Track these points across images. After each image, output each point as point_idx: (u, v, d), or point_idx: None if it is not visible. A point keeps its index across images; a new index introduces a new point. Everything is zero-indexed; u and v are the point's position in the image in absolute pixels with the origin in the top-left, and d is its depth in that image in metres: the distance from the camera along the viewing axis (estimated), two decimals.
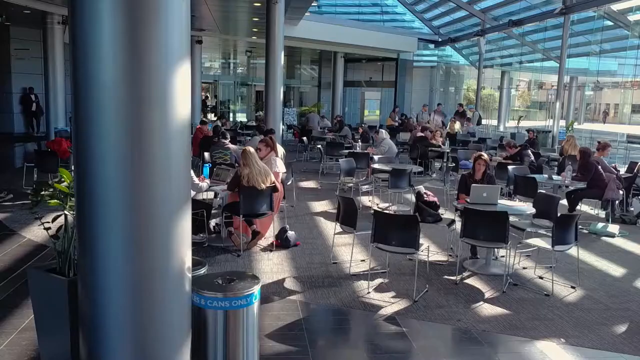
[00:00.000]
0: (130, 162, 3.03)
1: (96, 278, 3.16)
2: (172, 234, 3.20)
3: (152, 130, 3.05)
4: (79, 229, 3.21)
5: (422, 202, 6.88)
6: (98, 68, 2.97)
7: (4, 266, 6.08)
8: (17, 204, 9.05)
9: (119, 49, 2.93)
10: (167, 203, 3.15)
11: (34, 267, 3.81)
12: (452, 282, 6.11)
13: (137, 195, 3.07)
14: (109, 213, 3.07)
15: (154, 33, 2.99)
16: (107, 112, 2.99)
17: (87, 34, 2.97)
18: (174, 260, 3.23)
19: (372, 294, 5.65)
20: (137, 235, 3.11)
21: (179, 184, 3.21)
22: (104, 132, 3.01)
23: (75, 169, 3.16)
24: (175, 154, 3.16)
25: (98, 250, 3.12)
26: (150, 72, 3.00)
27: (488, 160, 7.16)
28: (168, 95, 3.06)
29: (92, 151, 3.05)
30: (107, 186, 3.05)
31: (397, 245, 5.58)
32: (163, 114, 3.06)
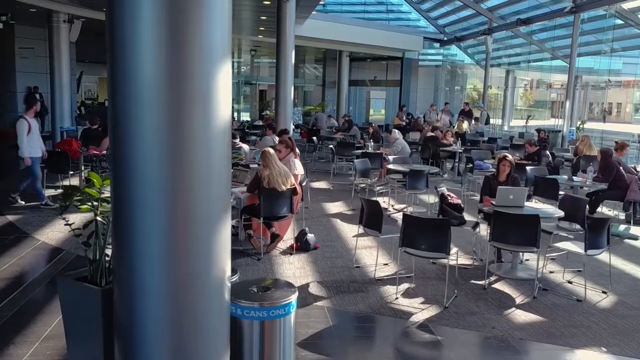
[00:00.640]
0: (171, 164, 2.87)
1: (134, 287, 2.99)
2: (213, 240, 3.04)
3: (193, 130, 2.88)
4: (115, 235, 3.05)
5: (446, 204, 6.72)
6: (137, 65, 2.81)
7: (20, 271, 5.92)
8: (28, 206, 8.89)
9: (159, 45, 2.77)
10: (208, 207, 2.99)
11: (64, 275, 3.64)
12: (480, 287, 5.95)
13: (177, 199, 2.91)
14: (148, 218, 2.91)
15: (195, 27, 2.83)
16: (147, 111, 2.83)
17: (126, 28, 2.81)
18: (215, 268, 3.07)
19: (400, 300, 5.49)
20: (176, 241, 2.95)
21: (220, 187, 3.05)
22: (143, 133, 2.84)
23: (112, 172, 3.00)
24: (216, 156, 3.00)
25: (136, 258, 2.96)
26: (193, 69, 2.84)
27: (513, 161, 7.00)
28: (210, 94, 2.90)
29: (131, 153, 2.89)
30: (146, 190, 2.89)
31: (427, 250, 5.43)
32: (205, 114, 2.91)
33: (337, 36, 22.85)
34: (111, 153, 3.00)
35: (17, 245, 6.79)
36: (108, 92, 2.98)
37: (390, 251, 6.83)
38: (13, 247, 6.73)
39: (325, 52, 28.22)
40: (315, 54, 29.60)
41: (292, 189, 6.79)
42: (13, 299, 5.14)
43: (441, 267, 6.46)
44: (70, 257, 6.43)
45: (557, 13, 18.61)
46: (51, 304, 5.05)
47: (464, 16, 25.36)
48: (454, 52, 31.08)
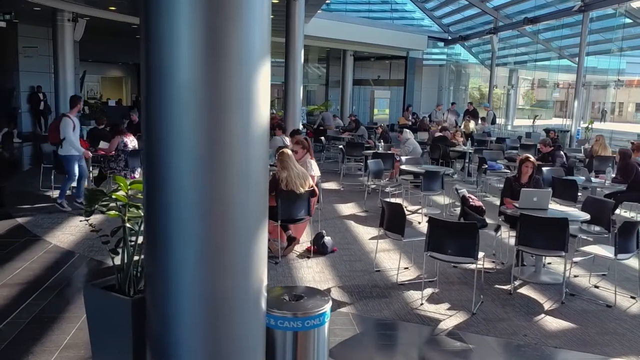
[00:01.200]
0: (208, 170, 2.72)
1: (168, 298, 2.84)
2: (251, 249, 2.89)
3: (231, 135, 2.73)
4: (148, 244, 2.89)
5: (467, 206, 6.57)
6: (174, 67, 2.65)
7: (34, 275, 5.76)
8: (37, 207, 8.73)
9: (197, 46, 2.62)
10: (246, 215, 2.84)
11: (92, 284, 3.48)
12: (505, 292, 5.80)
13: (214, 207, 2.76)
14: (183, 227, 2.75)
15: (234, 27, 2.67)
16: (184, 115, 2.68)
17: (162, 29, 2.65)
18: (253, 277, 2.92)
19: (426, 306, 5.34)
20: (213, 251, 2.80)
21: (258, 194, 2.90)
22: (179, 137, 2.69)
23: (145, 178, 2.85)
24: (255, 162, 2.84)
25: (171, 268, 2.80)
26: (231, 71, 2.68)
27: (535, 163, 6.84)
28: (249, 98, 2.74)
29: (166, 159, 2.73)
30: (182, 197, 2.73)
31: (454, 255, 5.27)
32: (244, 119, 2.75)
33: (341, 35, 22.69)
34: (145, 158, 2.84)
35: (28, 249, 6.63)
36: (142, 96, 2.82)
37: (409, 254, 6.68)
38: (24, 250, 6.57)
39: (328, 52, 28.06)
40: (319, 53, 29.44)
41: (311, 191, 6.64)
42: (28, 305, 4.98)
43: (462, 271, 6.31)
44: (83, 261, 6.28)
45: (565, 12, 18.47)
46: (68, 310, 4.90)
47: (468, 15, 25.23)
48: (458, 52, 30.96)
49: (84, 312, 4.71)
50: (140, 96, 2.87)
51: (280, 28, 19.95)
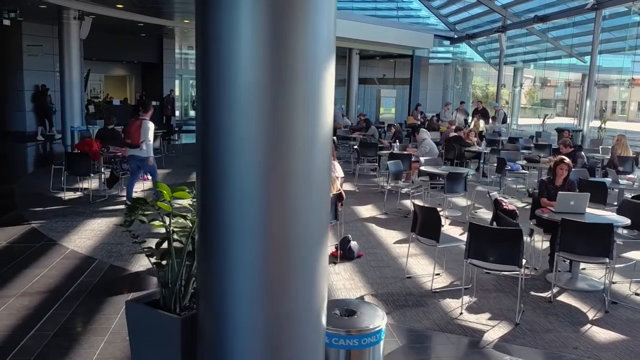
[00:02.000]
0: (270, 177, 2.51)
1: (225, 316, 2.62)
2: (314, 261, 2.67)
3: (296, 140, 2.52)
4: (202, 257, 2.67)
5: (501, 210, 6.35)
6: (235, 67, 2.44)
7: (54, 283, 5.52)
8: (49, 210, 8.49)
9: (260, 45, 2.41)
10: (310, 225, 2.63)
11: (135, 300, 3.24)
12: (545, 300, 5.58)
13: (277, 216, 2.55)
14: (243, 237, 2.54)
15: (301, 25, 2.46)
16: (244, 119, 2.46)
17: (223, 28, 2.43)
18: (316, 292, 2.71)
19: (465, 315, 5.11)
20: (276, 263, 2.58)
21: (322, 202, 2.68)
22: (240, 142, 2.47)
23: (200, 187, 2.62)
24: (319, 169, 2.63)
25: (228, 283, 2.59)
26: (297, 72, 2.48)
27: (571, 165, 6.61)
28: (314, 101, 2.53)
29: (224, 164, 2.52)
30: (241, 205, 2.52)
31: (496, 262, 5.05)
32: (309, 122, 2.54)
33: (347, 34, 22.39)
34: (199, 165, 2.62)
35: (46, 254, 6.40)
36: (198, 98, 2.60)
37: (438, 259, 6.44)
38: (41, 256, 6.34)
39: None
40: None
41: (338, 194, 6.41)
42: (52, 315, 4.75)
43: (496, 278, 6.09)
44: (104, 267, 6.04)
45: (577, 10, 18.23)
46: (94, 321, 4.66)
47: (475, 13, 24.97)
48: (464, 50, 30.72)
49: (110, 323, 4.52)
50: (196, 99, 2.65)
51: None
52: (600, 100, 34.88)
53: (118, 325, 4.55)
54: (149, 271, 5.92)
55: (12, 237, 7.01)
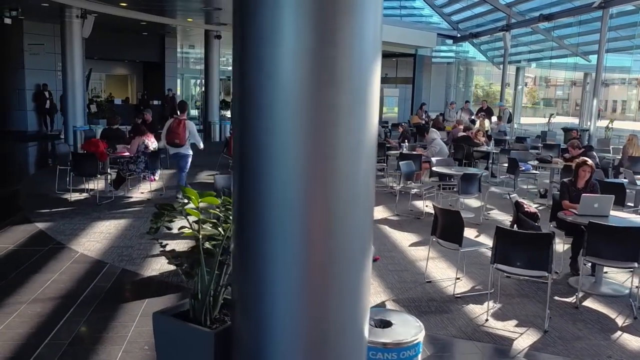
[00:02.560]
0: (313, 181, 2.35)
1: (263, 330, 2.47)
2: (358, 270, 2.53)
3: (341, 144, 2.36)
4: (238, 266, 2.51)
5: (522, 213, 6.19)
6: (275, 68, 2.28)
7: (65, 288, 5.35)
8: (56, 212, 8.32)
9: (305, 46, 2.25)
10: (354, 231, 2.48)
11: (162, 312, 3.08)
12: (570, 306, 5.42)
13: (320, 222, 2.39)
14: (284, 244, 2.38)
15: (346, 24, 2.31)
16: (285, 122, 2.30)
17: (264, 26, 2.28)
18: (360, 303, 2.56)
19: (491, 322, 4.96)
20: (319, 273, 2.43)
21: (366, 208, 2.53)
22: (282, 145, 2.31)
23: (236, 194, 2.46)
24: (365, 173, 2.47)
25: (267, 294, 2.43)
26: (342, 73, 2.32)
27: (594, 166, 6.46)
28: (360, 104, 2.38)
29: (264, 170, 2.36)
30: (282, 214, 2.36)
31: (523, 267, 4.89)
32: (355, 125, 2.38)
33: None
34: (236, 169, 2.46)
35: (55, 258, 6.23)
36: (235, 100, 2.45)
37: (456, 262, 6.28)
38: (50, 260, 6.17)
39: None
40: None
41: None
42: (66, 323, 4.58)
43: (517, 282, 5.94)
44: (115, 272, 5.87)
45: (584, 8, 18.07)
46: (109, 329, 4.50)
47: (479, 12, 24.82)
48: (467, 49, 30.58)
49: (127, 331, 4.36)
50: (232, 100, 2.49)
51: None
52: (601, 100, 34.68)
53: (135, 334, 4.39)
54: (162, 276, 5.76)
55: (20, 240, 6.84)
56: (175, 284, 5.56)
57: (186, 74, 28.40)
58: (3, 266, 5.95)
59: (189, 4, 17.15)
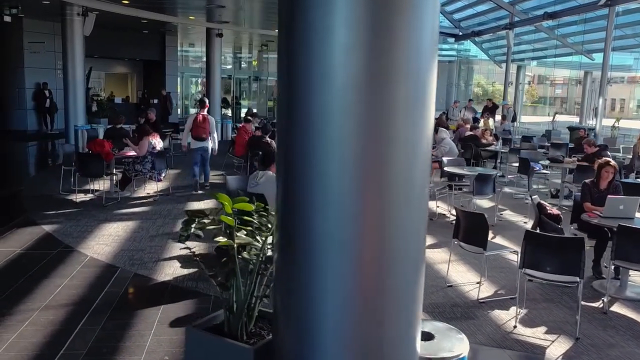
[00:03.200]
0: (364, 186, 2.19)
1: (308, 346, 2.30)
2: (411, 285, 2.36)
3: (396, 146, 2.20)
4: (283, 279, 2.34)
5: (545, 215, 6.03)
6: (327, 68, 2.11)
7: (77, 294, 5.17)
8: (61, 213, 8.14)
9: (358, 43, 2.09)
10: (407, 242, 2.32)
11: (195, 326, 2.90)
12: (597, 311, 5.27)
13: (371, 232, 2.23)
14: (333, 256, 2.22)
15: (403, 20, 2.14)
16: (337, 125, 2.13)
17: (315, 23, 2.11)
18: (411, 318, 2.40)
19: (520, 329, 4.80)
20: (369, 286, 2.26)
21: (421, 212, 2.36)
22: (331, 147, 2.15)
23: (280, 196, 2.29)
24: (419, 175, 2.31)
25: (313, 307, 2.27)
26: (398, 73, 2.15)
27: (616, 167, 6.30)
28: (418, 104, 2.22)
29: (313, 174, 2.19)
30: (331, 220, 2.20)
31: (554, 272, 4.73)
32: (410, 127, 2.22)
33: None
34: (281, 172, 2.29)
35: (64, 262, 6.05)
36: (280, 100, 2.28)
37: (475, 265, 6.12)
38: (60, 264, 5.99)
39: None
40: None
41: None
42: (81, 332, 4.40)
43: (540, 286, 5.78)
44: (127, 276, 5.70)
45: (589, 6, 17.92)
46: (126, 338, 4.33)
47: (481, 10, 24.65)
48: (468, 48, 30.47)
49: (145, 340, 4.20)
50: (277, 100, 2.32)
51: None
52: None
53: (154, 343, 4.22)
54: (176, 281, 5.59)
55: (27, 244, 6.65)
56: (190, 289, 5.39)
57: (186, 73, 28.19)
58: (12, 271, 5.77)
59: (192, 2, 16.95)
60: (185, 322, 4.60)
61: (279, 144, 2.33)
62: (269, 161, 6.12)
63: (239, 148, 11.23)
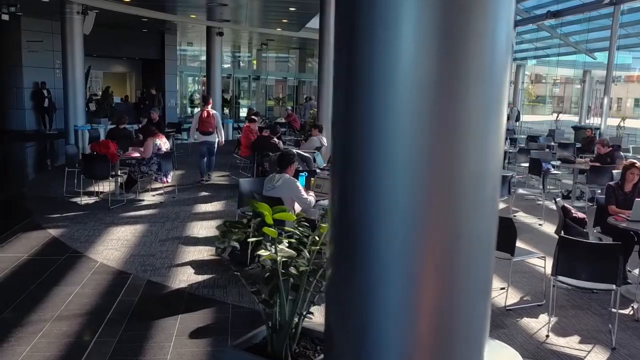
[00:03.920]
0: (434, 194, 2.00)
1: None
2: (480, 300, 2.18)
3: (465, 154, 2.00)
4: (338, 295, 2.15)
5: (570, 218, 5.86)
6: (393, 69, 1.92)
7: (89, 303, 4.97)
8: (67, 216, 7.92)
9: (428, 45, 1.91)
10: (477, 256, 2.12)
11: (234, 347, 2.70)
12: (629, 318, 5.11)
13: (438, 243, 2.04)
14: (397, 269, 2.03)
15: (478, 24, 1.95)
16: (403, 131, 1.95)
17: (379, 25, 1.92)
18: (479, 338, 2.20)
19: (553, 338, 4.62)
20: (436, 304, 2.08)
21: (492, 221, 2.18)
22: (397, 150, 1.96)
23: (336, 206, 2.10)
24: (491, 187, 2.11)
25: (372, 325, 2.07)
26: (470, 76, 1.96)
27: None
28: (491, 110, 2.02)
29: (376, 179, 2.00)
30: (396, 230, 2.01)
31: (590, 280, 4.55)
32: (483, 133, 2.02)
33: None
34: (336, 178, 2.11)
35: (74, 269, 5.84)
36: (336, 98, 2.09)
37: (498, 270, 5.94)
38: (69, 270, 5.78)
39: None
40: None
41: None
42: (97, 344, 4.20)
43: (566, 292, 5.61)
44: (141, 283, 5.49)
45: (594, 5, 17.77)
46: (145, 351, 4.13)
47: None
48: None
49: (165, 353, 4.01)
50: (334, 99, 2.13)
51: (297, 22, 19.23)
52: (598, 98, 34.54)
53: (175, 356, 4.02)
54: (191, 288, 5.39)
55: (34, 249, 6.44)
56: (206, 297, 5.19)
57: (186, 72, 27.95)
58: (20, 278, 5.57)
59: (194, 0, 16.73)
60: (205, 334, 4.43)
61: (334, 151, 2.14)
62: (286, 163, 5.92)
63: (245, 149, 11.02)
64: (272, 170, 8.44)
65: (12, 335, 4.26)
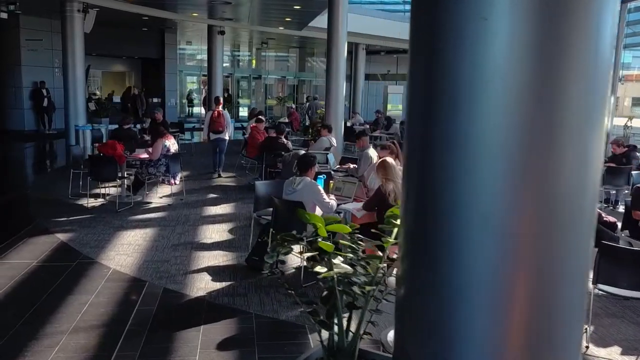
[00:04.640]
0: (527, 202, 1.79)
1: None
2: (574, 314, 1.98)
3: (564, 162, 1.80)
4: (413, 322, 1.94)
5: (601, 222, 5.66)
6: (486, 72, 1.72)
7: (106, 313, 4.74)
8: (74, 220, 7.68)
9: (525, 47, 1.70)
10: (573, 273, 1.92)
11: None
12: None
13: (530, 256, 1.84)
14: (483, 287, 1.82)
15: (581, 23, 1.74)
16: (496, 135, 1.74)
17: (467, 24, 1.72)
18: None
19: (593, 349, 4.43)
20: (524, 330, 1.87)
21: (586, 240, 1.97)
22: (483, 151, 1.76)
23: (411, 214, 1.90)
24: (591, 191, 1.90)
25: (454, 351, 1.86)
26: (571, 80, 1.76)
27: None
28: (595, 99, 1.81)
29: (460, 183, 1.80)
30: (484, 243, 1.81)
31: (632, 289, 4.36)
32: (581, 145, 1.82)
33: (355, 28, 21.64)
34: (413, 184, 1.90)
35: (86, 276, 5.61)
36: (411, 92, 1.89)
37: None
38: (82, 278, 5.55)
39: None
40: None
41: None
42: (120, 357, 3.98)
43: (597, 298, 5.39)
44: (157, 292, 5.27)
45: None
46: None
47: None
48: None
49: None
50: (409, 93, 1.92)
51: (300, 20, 19.00)
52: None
53: None
54: (210, 296, 5.17)
55: (43, 255, 6.21)
56: (227, 305, 4.97)
57: (186, 71, 27.68)
58: (31, 286, 5.33)
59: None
60: (230, 346, 4.23)
61: (408, 157, 1.93)
62: (307, 166, 5.71)
63: (252, 149, 10.80)
64: (285, 171, 8.24)
65: (27, 350, 4.03)
